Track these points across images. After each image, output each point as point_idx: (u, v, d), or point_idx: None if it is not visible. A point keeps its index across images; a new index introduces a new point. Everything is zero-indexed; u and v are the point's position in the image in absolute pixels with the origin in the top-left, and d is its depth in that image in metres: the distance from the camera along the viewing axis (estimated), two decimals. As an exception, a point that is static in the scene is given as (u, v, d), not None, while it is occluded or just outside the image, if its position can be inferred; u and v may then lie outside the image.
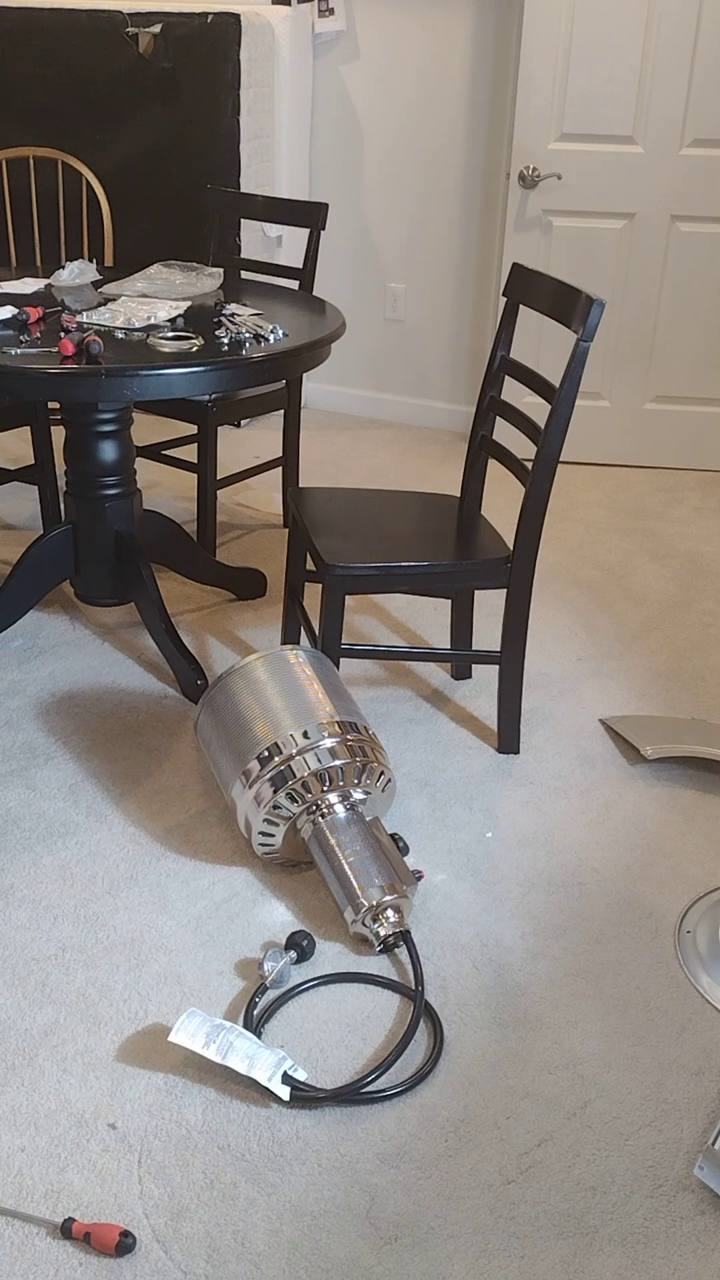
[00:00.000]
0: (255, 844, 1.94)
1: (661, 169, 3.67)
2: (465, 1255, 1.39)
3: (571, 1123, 1.56)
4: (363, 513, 2.38)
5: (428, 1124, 1.56)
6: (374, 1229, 1.42)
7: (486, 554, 2.27)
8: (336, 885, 1.83)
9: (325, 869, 1.85)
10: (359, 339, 4.42)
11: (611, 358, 3.87)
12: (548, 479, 2.14)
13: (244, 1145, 1.52)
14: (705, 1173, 1.47)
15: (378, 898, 1.78)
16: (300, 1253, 1.39)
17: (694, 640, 2.86)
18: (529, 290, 2.31)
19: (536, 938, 1.88)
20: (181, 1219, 1.42)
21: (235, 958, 1.82)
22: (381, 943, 1.79)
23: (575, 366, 2.06)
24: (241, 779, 1.91)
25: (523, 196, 3.76)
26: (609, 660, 2.76)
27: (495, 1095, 1.60)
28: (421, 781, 2.28)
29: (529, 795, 2.25)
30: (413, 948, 1.80)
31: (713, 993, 1.78)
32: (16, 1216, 1.42)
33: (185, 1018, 1.60)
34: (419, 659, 2.69)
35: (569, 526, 3.49)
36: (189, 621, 2.86)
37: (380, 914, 1.78)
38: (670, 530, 3.53)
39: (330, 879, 1.84)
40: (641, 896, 1.98)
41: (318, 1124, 1.55)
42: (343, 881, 1.81)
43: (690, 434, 4.00)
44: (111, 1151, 1.50)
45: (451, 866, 2.05)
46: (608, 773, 2.32)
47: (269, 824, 1.91)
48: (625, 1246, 1.40)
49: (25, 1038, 1.66)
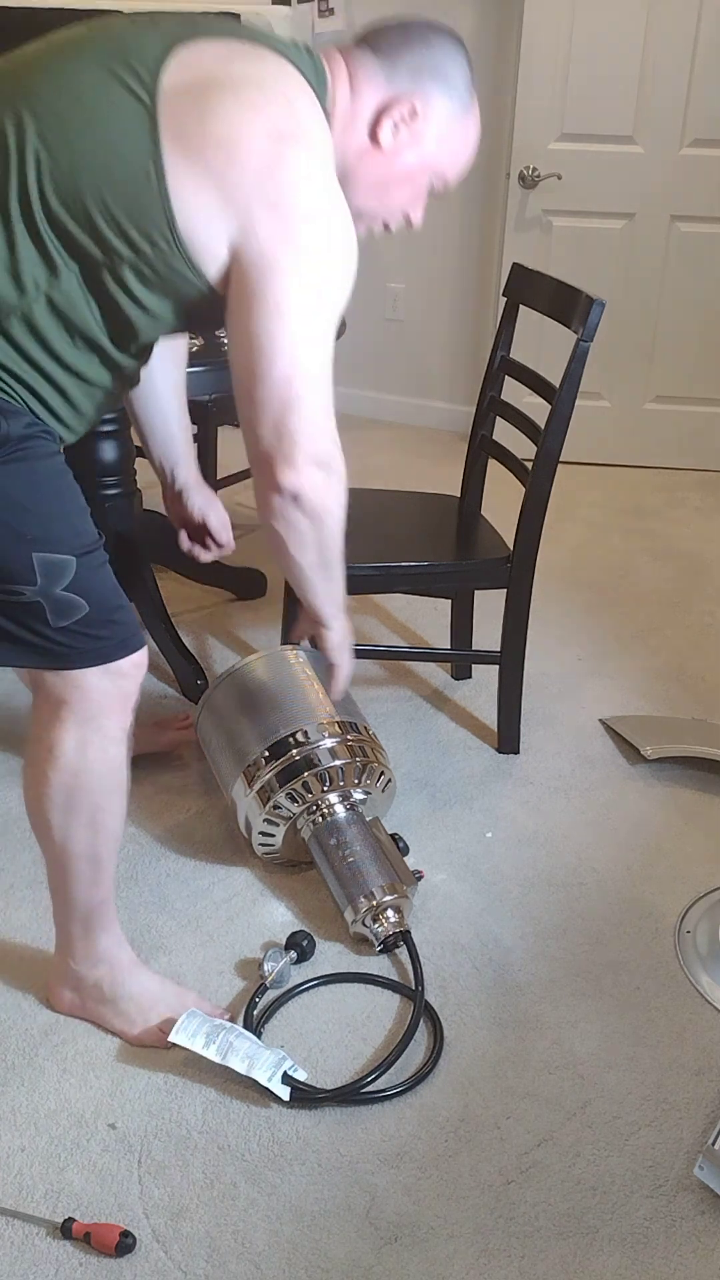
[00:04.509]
0: (255, 844, 1.94)
1: (661, 169, 3.67)
2: (465, 1255, 1.39)
3: (571, 1123, 1.56)
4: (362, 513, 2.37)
5: (428, 1124, 1.56)
6: (374, 1229, 1.42)
7: (486, 554, 2.27)
8: (336, 885, 1.82)
9: (325, 869, 1.85)
10: (358, 339, 4.42)
11: (611, 358, 3.87)
12: (548, 479, 2.14)
13: (244, 1145, 1.52)
14: (705, 1173, 1.47)
15: (378, 898, 1.78)
16: (300, 1253, 1.39)
17: (694, 640, 2.86)
18: (529, 290, 2.31)
19: (536, 938, 1.88)
20: (181, 1219, 1.42)
21: (235, 958, 1.82)
22: (382, 943, 1.79)
23: (575, 366, 2.06)
24: (242, 779, 1.91)
25: (523, 196, 3.76)
26: (609, 660, 2.75)
27: (495, 1095, 1.60)
28: (421, 781, 2.28)
29: (529, 795, 2.25)
30: (413, 947, 1.79)
31: (713, 993, 1.78)
32: (16, 1216, 1.42)
33: (185, 1018, 1.60)
34: (419, 659, 2.69)
35: (569, 526, 3.48)
36: (189, 621, 2.86)
37: (380, 914, 1.78)
38: (670, 530, 3.53)
39: (330, 879, 1.84)
40: (641, 896, 1.98)
41: (318, 1124, 1.55)
42: (343, 882, 1.81)
43: (690, 434, 4.00)
44: (111, 1151, 1.50)
45: (451, 866, 2.04)
46: (608, 773, 2.32)
47: (269, 824, 1.91)
48: (625, 1246, 1.40)
49: (25, 1038, 1.66)
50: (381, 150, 1.43)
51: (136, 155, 1.25)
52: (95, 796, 1.50)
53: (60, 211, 1.26)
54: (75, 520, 1.41)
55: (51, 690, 1.46)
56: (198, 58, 1.28)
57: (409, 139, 1.44)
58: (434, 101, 1.43)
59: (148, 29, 1.32)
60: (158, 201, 1.26)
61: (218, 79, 1.27)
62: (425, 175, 1.49)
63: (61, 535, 1.38)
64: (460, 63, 1.45)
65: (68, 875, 1.57)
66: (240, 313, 1.32)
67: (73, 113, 1.26)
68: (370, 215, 1.50)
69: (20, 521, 1.34)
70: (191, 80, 1.27)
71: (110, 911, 1.62)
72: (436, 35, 1.44)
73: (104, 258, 1.29)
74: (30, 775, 1.52)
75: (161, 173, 1.25)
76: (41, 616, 1.37)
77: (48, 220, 1.26)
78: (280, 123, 1.28)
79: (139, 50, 1.28)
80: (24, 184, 1.25)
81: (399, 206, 1.51)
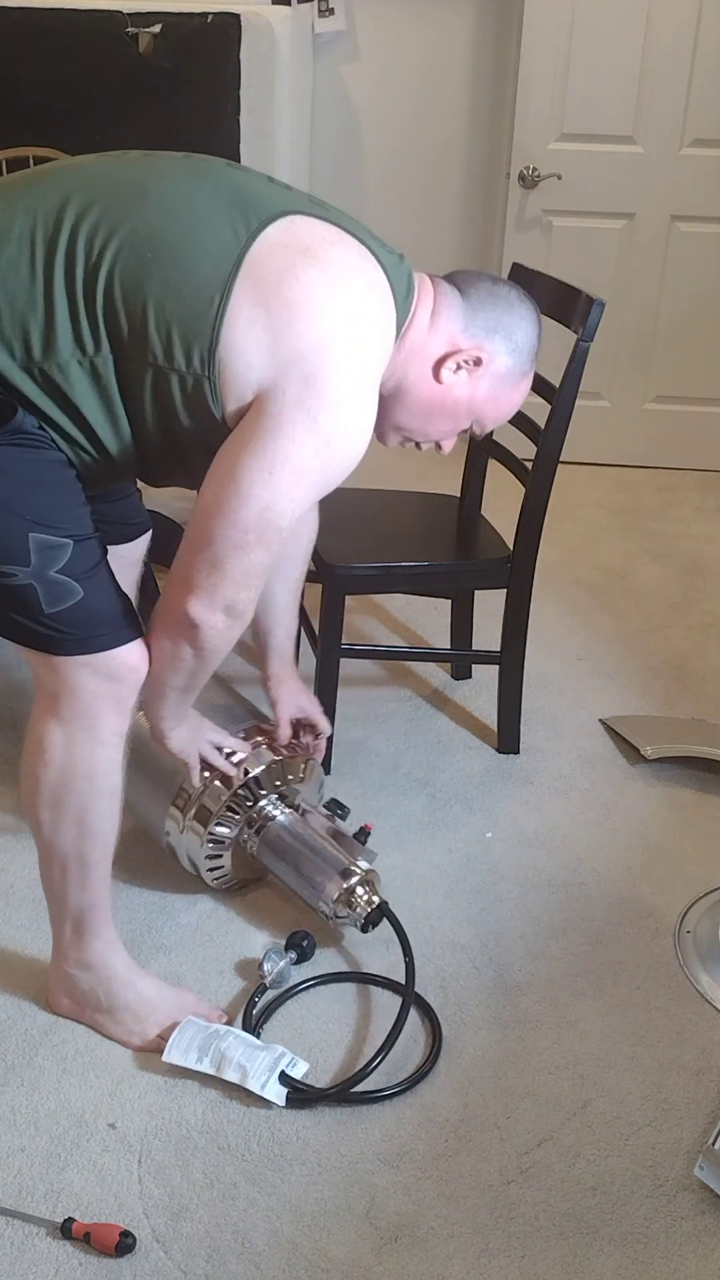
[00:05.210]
0: (208, 879, 1.89)
1: (661, 169, 3.66)
2: (465, 1255, 1.39)
3: (571, 1123, 1.56)
4: (363, 513, 2.38)
5: (428, 1124, 1.56)
6: (374, 1229, 1.42)
7: (486, 554, 2.27)
8: (300, 888, 1.80)
9: (285, 877, 1.82)
10: (359, 339, 4.41)
11: (611, 358, 3.87)
12: (548, 479, 2.14)
13: (244, 1145, 1.52)
14: (705, 1173, 1.47)
15: (340, 886, 1.75)
16: (300, 1253, 1.39)
17: (694, 640, 2.86)
18: (529, 290, 2.28)
19: (536, 938, 1.88)
20: (181, 1219, 1.42)
21: (235, 958, 1.82)
22: (363, 924, 1.77)
23: (575, 366, 2.06)
24: (171, 822, 1.85)
25: (523, 196, 3.76)
26: (609, 660, 2.75)
27: (495, 1095, 1.60)
28: (421, 781, 2.28)
29: (529, 795, 2.25)
30: (393, 917, 1.76)
31: (713, 993, 1.78)
32: (16, 1216, 1.42)
33: (177, 1033, 1.60)
34: (419, 659, 2.69)
35: (569, 526, 3.48)
36: (189, 621, 2.86)
37: (351, 898, 1.76)
38: (670, 530, 3.53)
39: (293, 884, 1.82)
40: (641, 896, 1.98)
41: (318, 1124, 1.55)
42: (303, 884, 1.79)
43: (690, 434, 3.99)
44: (111, 1151, 1.50)
45: (451, 866, 2.04)
46: (608, 773, 2.32)
47: (213, 857, 1.85)
48: (625, 1246, 1.40)
49: (25, 1038, 1.66)
50: (439, 383, 1.53)
51: (209, 282, 1.33)
52: (83, 798, 1.51)
53: (119, 299, 1.34)
54: (76, 509, 1.43)
55: (45, 686, 1.48)
56: (308, 228, 1.39)
57: (466, 382, 1.54)
58: (498, 359, 1.54)
59: (282, 191, 1.43)
60: (210, 327, 1.33)
61: (314, 252, 1.37)
62: (467, 417, 1.59)
63: (60, 519, 1.40)
64: (532, 335, 1.57)
65: (57, 874, 1.58)
66: (235, 447, 1.37)
67: (168, 225, 1.35)
68: (408, 431, 1.60)
69: (19, 500, 1.37)
70: (289, 242, 1.36)
71: (102, 916, 1.62)
72: (521, 303, 1.56)
73: (134, 353, 1.35)
74: (22, 768, 1.54)
75: (225, 305, 1.33)
76: (34, 601, 1.39)
77: (105, 302, 1.34)
78: (348, 317, 1.37)
79: (258, 202, 1.38)
80: (95, 266, 1.33)
81: (436, 433, 1.61)
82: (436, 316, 1.51)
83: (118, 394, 1.38)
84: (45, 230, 1.35)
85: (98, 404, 1.39)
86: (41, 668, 1.47)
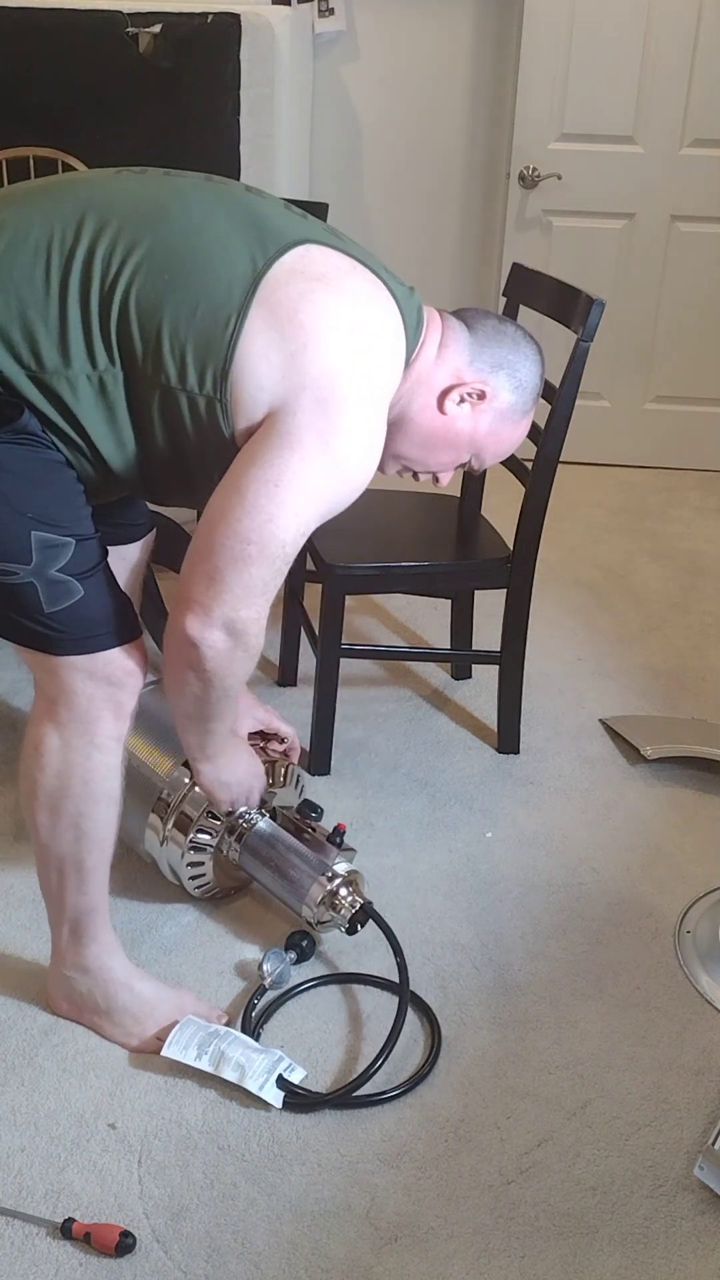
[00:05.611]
0: (190, 888, 1.88)
1: (661, 169, 3.67)
2: (465, 1255, 1.39)
3: (571, 1123, 1.56)
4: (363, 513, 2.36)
5: (428, 1124, 1.56)
6: (374, 1229, 1.42)
7: (486, 554, 2.27)
8: (283, 893, 1.79)
9: (268, 883, 1.81)
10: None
11: (611, 358, 3.87)
12: (548, 479, 2.14)
13: (244, 1145, 1.52)
14: (705, 1173, 1.47)
15: (323, 889, 1.74)
16: (300, 1253, 1.39)
17: (694, 640, 2.86)
18: (529, 290, 2.31)
19: (536, 938, 1.88)
20: (181, 1219, 1.42)
21: (235, 958, 1.82)
22: (349, 925, 1.76)
23: (575, 366, 2.06)
24: (151, 832, 1.85)
25: (523, 196, 3.76)
26: (609, 660, 2.76)
27: (495, 1095, 1.60)
28: (421, 781, 2.28)
29: (529, 795, 2.25)
30: (378, 917, 1.75)
31: (713, 993, 1.78)
32: (16, 1216, 1.42)
33: (177, 1030, 1.60)
34: (419, 659, 2.69)
35: (569, 526, 3.49)
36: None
37: (335, 899, 1.74)
38: (670, 530, 3.53)
39: (276, 890, 1.80)
40: (641, 896, 1.98)
41: (317, 1124, 1.55)
42: (286, 889, 1.78)
43: (690, 434, 4.00)
44: (111, 1151, 1.50)
45: (451, 866, 2.04)
46: (608, 773, 2.32)
47: (195, 865, 1.84)
48: (625, 1246, 1.40)
49: (25, 1038, 1.66)
50: (443, 414, 1.55)
51: (224, 305, 1.34)
52: (80, 802, 1.51)
53: (134, 318, 1.34)
54: (78, 509, 1.43)
55: (44, 689, 1.48)
56: (323, 257, 1.40)
57: (469, 415, 1.56)
58: (502, 395, 1.56)
59: (298, 219, 1.44)
60: (224, 348, 1.34)
61: (329, 280, 1.38)
62: (468, 450, 1.61)
63: (63, 518, 1.40)
64: (535, 374, 1.59)
65: (55, 878, 1.58)
66: (243, 463, 1.37)
67: (187, 247, 1.36)
68: (408, 460, 1.61)
69: (22, 498, 1.37)
70: (305, 269, 1.37)
71: (100, 920, 1.62)
72: (526, 343, 1.59)
73: (146, 371, 1.35)
74: (20, 771, 1.54)
75: (239, 328, 1.34)
76: (34, 600, 1.39)
77: (119, 320, 1.34)
78: (360, 343, 1.38)
79: (275, 229, 1.40)
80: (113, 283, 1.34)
81: (436, 464, 1.62)
82: (444, 349, 1.53)
83: (125, 410, 1.38)
84: (62, 242, 1.34)
85: (103, 419, 1.38)
86: (40, 671, 1.47)
